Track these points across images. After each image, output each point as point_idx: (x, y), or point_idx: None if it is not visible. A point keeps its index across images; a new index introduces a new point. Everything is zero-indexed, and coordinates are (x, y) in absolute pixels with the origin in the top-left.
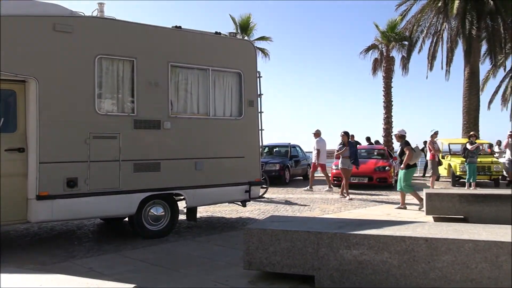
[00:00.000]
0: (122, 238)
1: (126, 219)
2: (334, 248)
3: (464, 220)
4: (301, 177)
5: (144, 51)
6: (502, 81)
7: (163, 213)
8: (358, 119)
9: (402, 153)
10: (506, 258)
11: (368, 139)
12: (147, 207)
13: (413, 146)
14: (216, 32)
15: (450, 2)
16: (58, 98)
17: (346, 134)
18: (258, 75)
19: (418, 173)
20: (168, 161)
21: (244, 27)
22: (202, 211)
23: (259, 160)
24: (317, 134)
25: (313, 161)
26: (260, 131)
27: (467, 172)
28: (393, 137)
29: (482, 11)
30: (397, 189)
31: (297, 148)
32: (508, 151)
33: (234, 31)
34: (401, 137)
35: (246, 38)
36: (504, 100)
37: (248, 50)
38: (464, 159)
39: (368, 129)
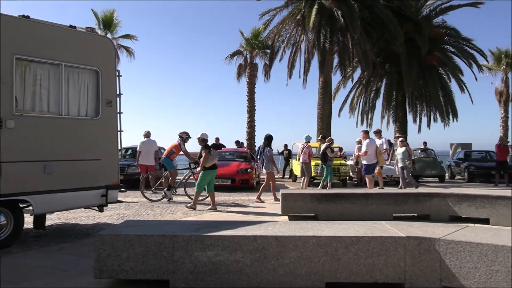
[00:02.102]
0: None
1: None
2: (189, 250)
3: (315, 218)
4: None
5: None
6: (350, 92)
7: (4, 222)
8: (224, 121)
9: (201, 155)
10: (344, 251)
11: (237, 142)
12: None
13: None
14: (70, 26)
15: (307, 16)
16: None
17: (269, 138)
18: (117, 74)
19: (278, 175)
20: (11, 164)
21: (108, 23)
22: (54, 218)
23: (117, 162)
24: (147, 135)
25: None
26: (119, 132)
27: (325, 173)
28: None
29: (334, 27)
30: (196, 190)
31: (162, 151)
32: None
33: (95, 26)
34: (203, 140)
35: (109, 35)
36: (352, 109)
37: (107, 47)
38: (321, 161)
39: (233, 132)
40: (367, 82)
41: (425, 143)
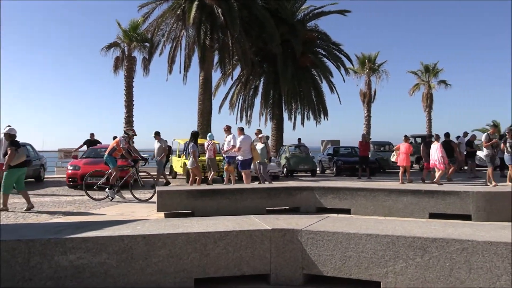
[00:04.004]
0: None
1: None
2: (48, 255)
3: (192, 214)
4: (33, 179)
5: None
6: (230, 89)
7: None
8: (100, 116)
9: (6, 153)
10: (213, 246)
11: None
12: None
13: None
14: None
15: (187, 12)
16: None
17: (195, 134)
18: None
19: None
20: None
21: None
22: None
23: None
24: None
25: None
26: None
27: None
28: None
29: (215, 24)
30: (2, 191)
31: (28, 147)
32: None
33: None
34: (10, 136)
35: None
36: (232, 106)
37: None
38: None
39: (109, 127)
40: (246, 80)
41: (299, 139)
